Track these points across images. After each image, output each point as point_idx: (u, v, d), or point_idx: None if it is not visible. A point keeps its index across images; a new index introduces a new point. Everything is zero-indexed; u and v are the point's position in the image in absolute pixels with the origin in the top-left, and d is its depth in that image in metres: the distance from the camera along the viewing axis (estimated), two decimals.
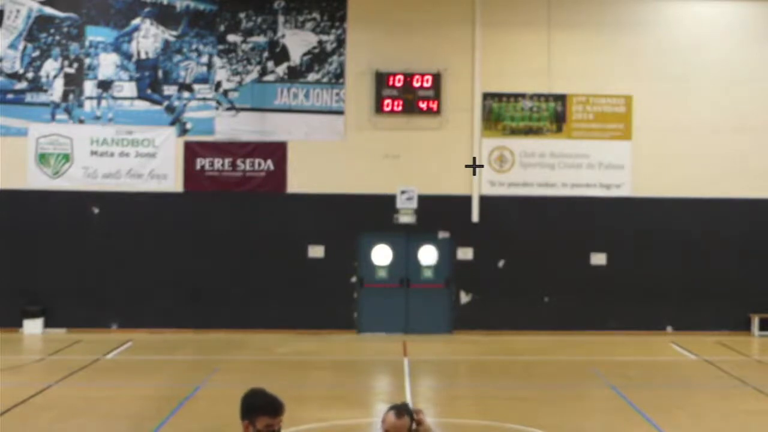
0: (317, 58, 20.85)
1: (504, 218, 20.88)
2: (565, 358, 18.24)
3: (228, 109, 20.85)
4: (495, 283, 20.88)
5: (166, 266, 20.68)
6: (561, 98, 20.95)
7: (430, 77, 20.69)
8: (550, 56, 20.87)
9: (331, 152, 20.81)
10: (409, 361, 17.63)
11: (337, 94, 20.84)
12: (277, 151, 20.85)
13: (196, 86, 20.85)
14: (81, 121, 20.77)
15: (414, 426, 6.03)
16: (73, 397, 14.31)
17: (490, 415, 13.06)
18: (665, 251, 20.95)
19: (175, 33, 20.86)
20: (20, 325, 20.46)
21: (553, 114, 20.98)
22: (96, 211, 20.78)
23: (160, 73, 20.85)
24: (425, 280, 21.18)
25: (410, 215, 20.93)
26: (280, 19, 20.89)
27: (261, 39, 20.87)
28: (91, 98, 20.79)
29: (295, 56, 20.87)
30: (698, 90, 21.02)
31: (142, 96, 20.82)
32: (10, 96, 20.70)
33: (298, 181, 20.85)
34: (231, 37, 20.87)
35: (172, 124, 20.83)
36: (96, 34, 20.79)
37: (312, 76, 20.85)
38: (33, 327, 20.42)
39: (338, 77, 20.86)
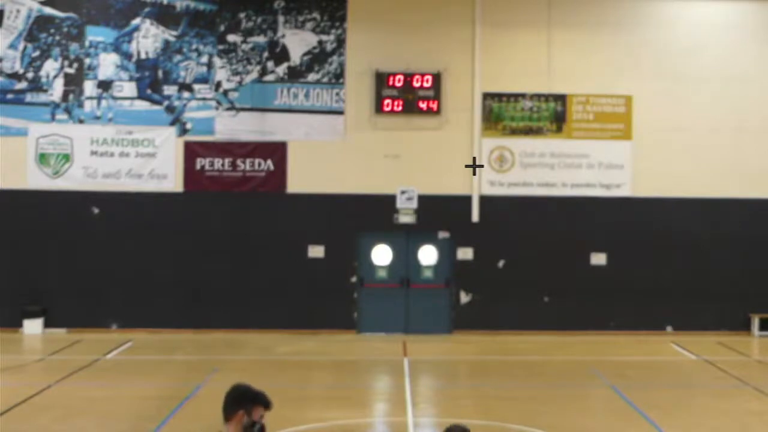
0: (317, 58, 20.85)
1: (504, 218, 20.88)
2: (565, 358, 18.24)
3: (228, 109, 20.85)
4: (495, 283, 20.88)
5: (166, 266, 20.68)
6: (561, 98, 20.95)
7: (430, 77, 20.69)
8: (550, 56, 20.87)
9: (331, 152, 20.80)
10: (409, 361, 17.63)
11: (337, 94, 20.84)
12: (277, 151, 20.85)
13: (196, 86, 20.85)
14: (81, 121, 20.77)
15: None
16: (73, 397, 14.31)
17: (490, 415, 13.06)
18: (665, 251, 20.95)
19: (175, 33, 20.86)
20: (20, 325, 20.46)
21: (553, 114, 20.98)
22: (96, 211, 20.78)
23: (160, 73, 20.85)
24: (425, 280, 21.18)
25: (410, 215, 20.93)
26: (280, 19, 20.89)
27: (261, 39, 20.87)
28: (91, 98, 20.79)
29: (295, 56, 20.87)
30: (698, 90, 21.02)
31: (142, 96, 20.82)
32: (10, 96, 20.70)
33: (298, 181, 20.85)
34: (231, 37, 20.87)
35: (172, 124, 20.83)
36: (96, 34, 20.79)
37: (312, 76, 20.85)
38: (33, 327, 20.41)
39: (338, 77, 20.86)
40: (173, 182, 20.81)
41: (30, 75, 20.74)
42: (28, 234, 20.57)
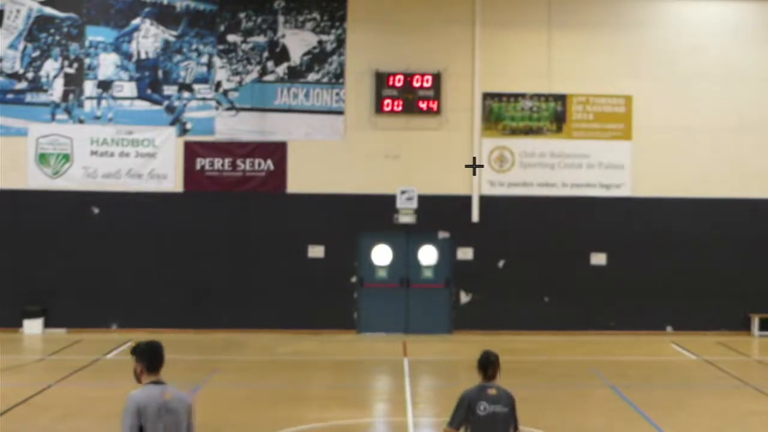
0: (317, 58, 20.85)
1: (504, 218, 20.88)
2: (565, 358, 18.24)
3: (228, 109, 20.86)
4: (495, 283, 20.88)
5: (166, 266, 20.68)
6: (561, 98, 20.96)
7: (430, 77, 20.69)
8: (550, 56, 20.87)
9: (331, 152, 20.81)
10: (409, 361, 17.63)
11: (337, 94, 20.85)
12: (277, 151, 20.85)
13: (196, 86, 20.86)
14: (81, 121, 20.77)
15: None
16: (73, 397, 14.31)
17: None
18: (665, 251, 20.94)
19: (175, 33, 20.86)
20: (20, 325, 20.46)
21: (553, 114, 20.98)
22: (96, 211, 20.78)
23: (160, 73, 20.85)
24: (425, 280, 21.18)
25: (410, 215, 20.93)
26: (280, 19, 20.89)
27: (261, 39, 20.87)
28: (91, 98, 20.79)
29: (295, 56, 20.87)
30: (698, 90, 21.02)
31: (142, 96, 20.82)
32: (10, 96, 20.70)
33: (298, 181, 20.85)
34: (231, 37, 20.87)
35: (172, 124, 20.83)
36: (96, 34, 20.80)
37: (312, 76, 20.85)
38: (33, 327, 20.41)
39: (338, 77, 20.86)
40: (173, 182, 20.81)
41: (30, 75, 20.74)
42: (28, 234, 20.57)
